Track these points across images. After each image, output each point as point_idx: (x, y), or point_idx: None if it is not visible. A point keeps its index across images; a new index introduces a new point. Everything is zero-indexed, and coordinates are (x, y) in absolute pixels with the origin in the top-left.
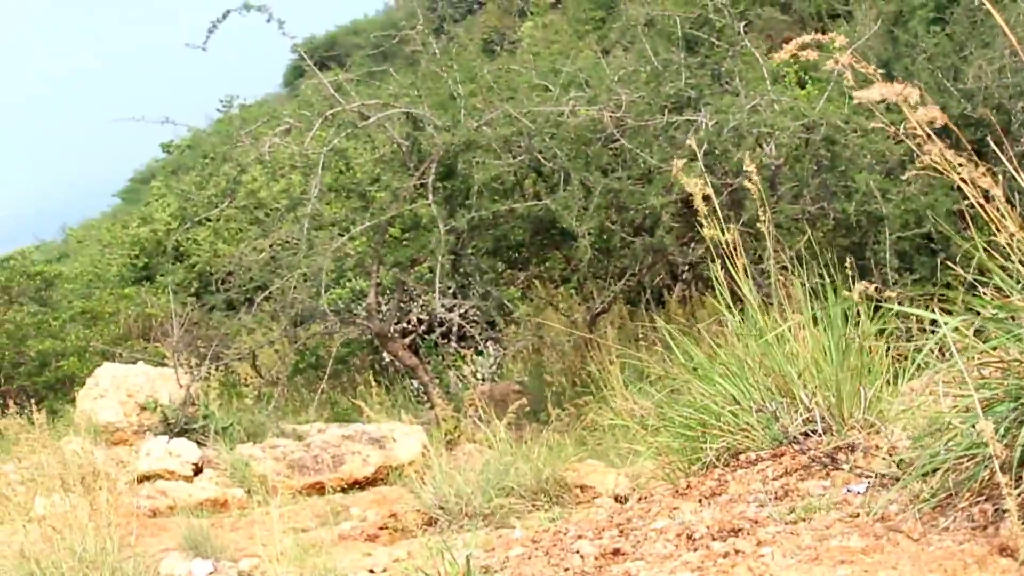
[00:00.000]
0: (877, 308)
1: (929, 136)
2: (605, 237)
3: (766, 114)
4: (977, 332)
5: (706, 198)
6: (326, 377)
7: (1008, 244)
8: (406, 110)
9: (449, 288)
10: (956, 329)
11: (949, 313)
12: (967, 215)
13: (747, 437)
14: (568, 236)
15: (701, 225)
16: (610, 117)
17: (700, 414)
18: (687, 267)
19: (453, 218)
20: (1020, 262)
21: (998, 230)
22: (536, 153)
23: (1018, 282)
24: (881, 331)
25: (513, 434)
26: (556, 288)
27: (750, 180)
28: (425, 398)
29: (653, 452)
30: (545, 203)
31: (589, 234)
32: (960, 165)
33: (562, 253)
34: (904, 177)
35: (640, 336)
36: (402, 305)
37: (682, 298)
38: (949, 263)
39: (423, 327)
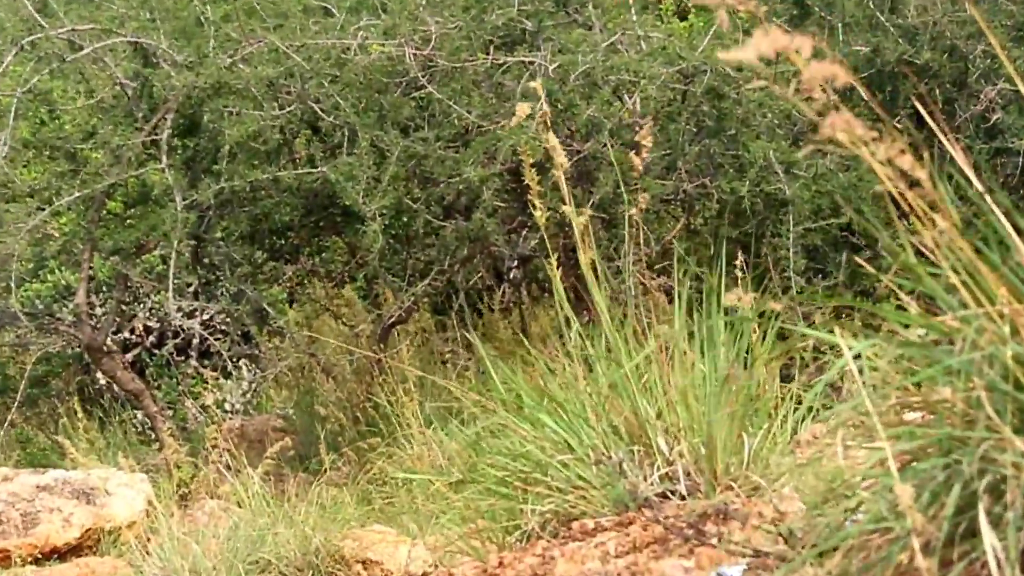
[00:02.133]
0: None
1: (833, 98)
2: (404, 220)
3: (629, 55)
4: (901, 359)
5: (539, 168)
6: (16, 405)
7: (936, 244)
8: (134, 39)
9: (189, 285)
10: (859, 356)
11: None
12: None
13: (583, 498)
14: (353, 217)
15: (534, 206)
16: (414, 55)
17: (520, 465)
18: (516, 263)
19: (195, 189)
20: (954, 269)
21: (932, 224)
22: (311, 102)
23: (952, 293)
24: (787, 353)
25: (273, 488)
26: (336, 288)
27: (609, 145)
28: (153, 436)
29: (458, 516)
30: (322, 171)
31: (381, 215)
32: (875, 139)
33: (344, 241)
34: (800, 155)
35: (449, 357)
36: (124, 307)
37: (508, 306)
38: (870, 265)
39: (152, 338)
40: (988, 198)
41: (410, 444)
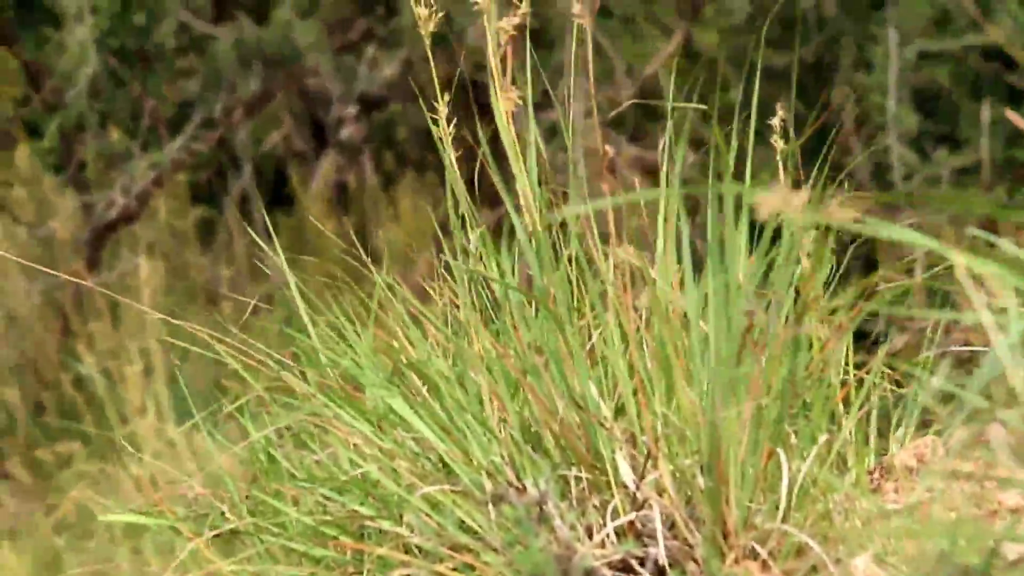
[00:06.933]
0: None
1: None
2: (137, 18)
3: None
4: None
5: None
6: None
7: None
8: None
9: None
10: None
11: None
12: None
13: (468, 567)
14: (40, 14)
15: None
16: None
17: (351, 502)
18: (355, 112)
19: None
20: None
21: None
22: None
23: None
24: (871, 296)
25: None
26: (7, 150)
27: None
28: None
29: None
30: None
31: (93, 10)
32: None
33: (19, 58)
34: None
35: (224, 288)
36: None
37: (340, 190)
38: None
39: None
40: None
41: (141, 456)
